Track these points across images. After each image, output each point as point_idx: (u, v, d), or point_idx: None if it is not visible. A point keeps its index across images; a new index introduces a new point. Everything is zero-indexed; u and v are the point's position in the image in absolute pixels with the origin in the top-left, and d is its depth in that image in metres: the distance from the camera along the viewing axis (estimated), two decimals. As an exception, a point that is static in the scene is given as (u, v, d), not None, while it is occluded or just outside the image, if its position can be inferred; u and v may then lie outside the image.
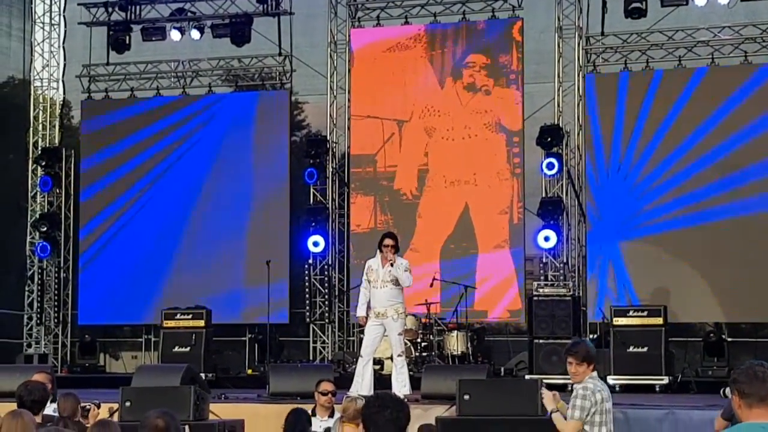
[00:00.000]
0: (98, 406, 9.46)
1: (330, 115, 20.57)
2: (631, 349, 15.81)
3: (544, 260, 19.03)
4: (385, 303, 12.66)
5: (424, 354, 16.73)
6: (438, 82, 19.66)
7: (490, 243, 19.15)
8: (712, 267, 17.84)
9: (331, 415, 10.26)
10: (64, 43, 22.32)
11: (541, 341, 16.28)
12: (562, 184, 19.01)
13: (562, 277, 18.45)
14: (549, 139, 18.61)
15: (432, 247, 19.20)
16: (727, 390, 5.50)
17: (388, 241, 12.74)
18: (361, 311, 13.09)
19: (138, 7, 21.00)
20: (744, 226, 17.68)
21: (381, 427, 5.07)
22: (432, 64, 19.75)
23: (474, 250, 19.17)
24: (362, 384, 12.56)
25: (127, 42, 20.93)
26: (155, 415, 5.89)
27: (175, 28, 20.79)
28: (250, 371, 19.03)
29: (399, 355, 12.78)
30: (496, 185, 19.20)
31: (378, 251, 12.83)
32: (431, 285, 17.25)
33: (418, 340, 16.84)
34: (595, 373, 8.44)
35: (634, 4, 18.41)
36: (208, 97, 21.20)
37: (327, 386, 10.58)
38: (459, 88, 19.54)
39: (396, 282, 12.63)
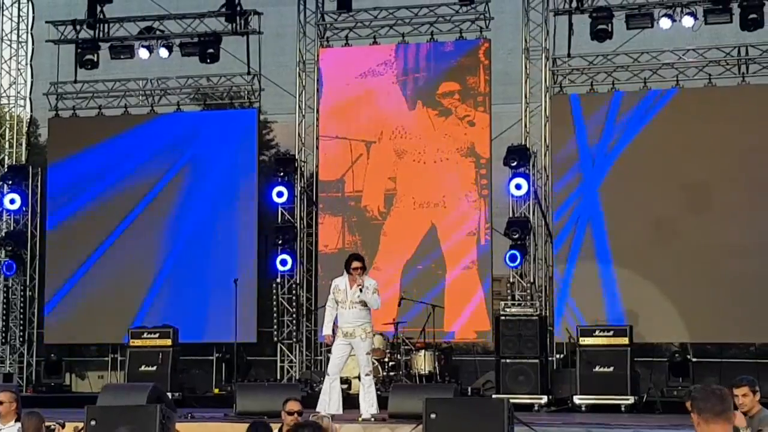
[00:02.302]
0: (63, 426, 9.42)
1: (299, 134, 20.59)
2: (597, 369, 15.86)
3: (511, 280, 19.09)
4: (354, 323, 12.66)
5: (392, 373, 16.74)
6: (408, 105, 19.74)
7: (457, 264, 19.20)
8: (678, 288, 17.91)
9: None
10: (31, 60, 22.23)
11: (508, 361, 16.31)
12: (529, 204, 19.07)
13: (528, 297, 18.51)
14: (516, 160, 18.66)
15: (395, 266, 19.22)
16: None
17: (356, 264, 12.73)
18: (327, 330, 13.05)
19: (106, 26, 20.96)
20: (709, 247, 17.78)
21: None
22: (402, 88, 19.83)
23: (441, 270, 19.22)
24: (329, 403, 12.54)
25: (95, 60, 20.87)
26: (125, 429, 5.89)
27: (143, 46, 20.78)
28: (216, 390, 18.95)
29: (367, 375, 12.77)
30: (465, 207, 19.28)
31: (345, 272, 12.84)
32: (399, 304, 17.29)
33: (386, 359, 16.86)
34: None
35: (600, 26, 18.59)
36: (177, 115, 21.16)
37: (293, 406, 10.54)
38: (428, 111, 19.63)
39: (364, 303, 12.65)
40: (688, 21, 18.45)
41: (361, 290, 12.58)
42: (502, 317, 16.72)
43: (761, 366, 17.03)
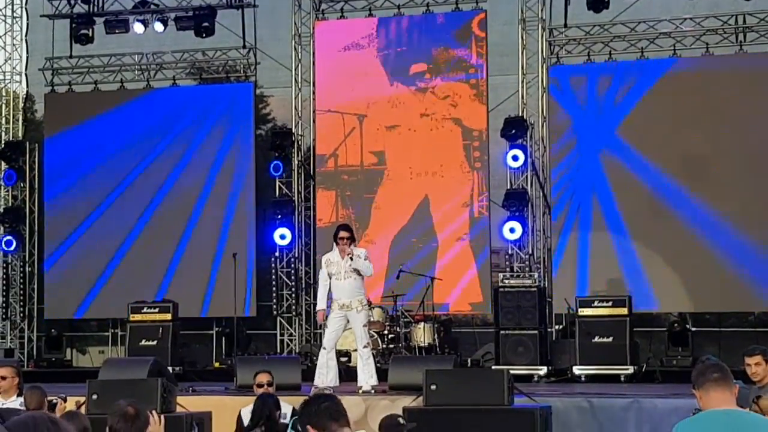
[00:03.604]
0: (65, 401, 9.45)
1: (295, 108, 20.56)
2: (596, 339, 15.88)
3: (509, 252, 19.09)
4: (350, 295, 12.68)
5: (391, 346, 16.79)
6: (396, 78, 19.71)
7: (450, 236, 19.24)
8: (676, 257, 17.95)
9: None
10: (26, 36, 22.20)
11: (507, 332, 16.34)
12: (527, 176, 19.08)
13: (527, 269, 18.53)
14: (513, 131, 18.64)
15: (386, 238, 19.22)
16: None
17: (342, 234, 12.78)
18: (321, 305, 13.10)
19: (101, 0, 20.90)
20: (708, 216, 17.81)
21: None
22: (388, 60, 19.80)
23: (434, 243, 19.26)
24: (327, 376, 12.58)
25: (91, 35, 20.80)
26: (126, 403, 5.93)
27: (138, 20, 20.70)
28: (217, 364, 19.01)
29: (364, 347, 12.80)
30: (458, 178, 19.30)
31: (335, 244, 12.86)
32: (398, 277, 17.33)
33: (385, 332, 16.91)
34: None
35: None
36: (172, 89, 21.14)
37: (263, 377, 10.64)
38: (418, 83, 19.61)
39: (358, 273, 12.67)
40: (685, -12, 18.44)
41: (351, 259, 12.61)
42: (501, 289, 16.74)
43: (760, 334, 17.10)
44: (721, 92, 18.05)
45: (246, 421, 10.44)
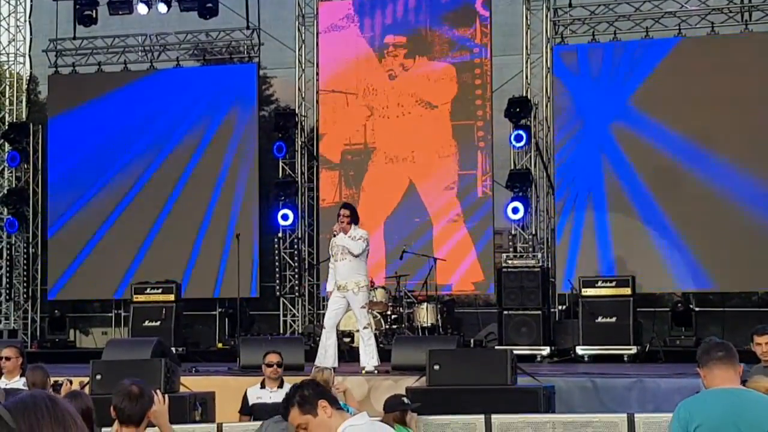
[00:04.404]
0: (71, 382, 9.48)
1: (298, 88, 20.53)
2: (599, 319, 15.92)
3: (512, 232, 19.10)
4: (346, 276, 12.64)
5: (394, 326, 16.79)
6: (400, 57, 19.68)
7: (452, 216, 19.24)
8: (681, 237, 17.93)
9: (281, 386, 10.30)
10: (30, 17, 22.16)
11: (510, 312, 16.37)
12: (530, 156, 19.05)
13: (530, 249, 18.53)
14: (517, 111, 18.60)
15: (376, 220, 19.11)
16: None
17: (343, 211, 12.79)
18: (329, 287, 13.09)
19: (104, -19, 20.88)
20: (712, 196, 17.78)
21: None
22: (394, 39, 19.76)
23: (436, 224, 19.25)
24: (326, 356, 12.57)
25: (94, 16, 20.74)
26: (130, 382, 5.95)
27: (141, 1, 20.57)
28: (220, 345, 19.05)
29: (365, 328, 12.78)
30: (462, 159, 19.28)
31: (337, 222, 12.85)
32: (401, 258, 17.33)
33: (388, 312, 16.91)
34: None
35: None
36: (176, 70, 21.12)
37: (272, 357, 10.64)
38: (424, 62, 19.58)
39: (353, 254, 12.61)
40: (690, -31, 18.40)
41: (345, 233, 12.56)
42: (504, 269, 16.76)
43: (764, 314, 17.06)
44: (727, 71, 17.99)
45: (252, 400, 10.47)
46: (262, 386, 10.54)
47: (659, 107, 18.21)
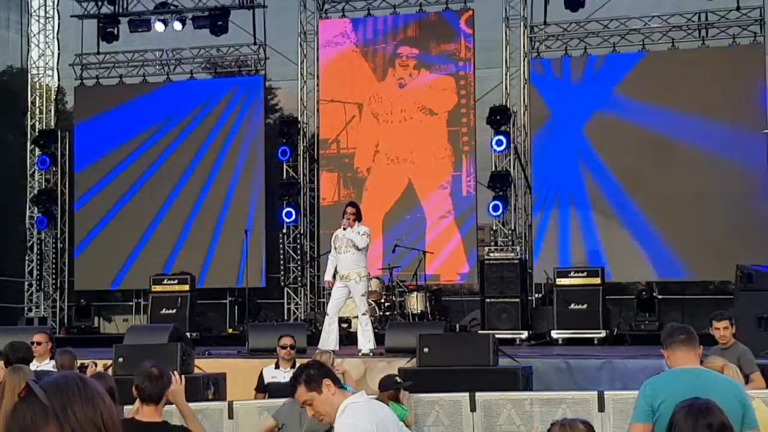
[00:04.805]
0: (96, 365, 9.48)
1: (300, 98, 20.54)
2: (572, 306, 15.90)
3: (494, 228, 19.13)
4: (349, 267, 12.63)
5: (387, 313, 16.76)
6: (392, 71, 19.69)
7: (440, 213, 19.25)
8: (646, 232, 17.96)
9: (293, 367, 10.26)
10: (58, 34, 22.14)
11: (492, 300, 16.35)
12: (510, 159, 19.07)
13: (510, 243, 18.54)
14: (498, 119, 18.65)
15: (377, 216, 19.09)
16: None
17: (349, 209, 12.78)
18: (328, 276, 13.09)
19: (125, 1, 20.90)
20: (673, 194, 17.79)
21: None
22: (385, 54, 19.76)
23: (425, 219, 19.26)
24: (328, 340, 12.57)
25: (116, 33, 20.84)
26: (150, 364, 5.96)
27: (159, 20, 20.70)
28: (230, 330, 19.01)
29: (363, 314, 12.79)
30: (447, 162, 19.29)
31: (342, 219, 12.85)
32: (393, 251, 17.32)
33: (382, 300, 16.89)
34: None
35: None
36: (190, 82, 21.10)
37: (286, 340, 10.62)
38: (413, 75, 19.57)
39: (357, 248, 12.63)
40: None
41: (352, 228, 12.57)
42: (486, 261, 16.74)
43: (720, 301, 17.05)
44: (686, 83, 18.02)
45: (267, 379, 10.43)
46: (276, 366, 10.47)
47: (627, 113, 18.22)
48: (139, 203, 20.52)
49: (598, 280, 16.03)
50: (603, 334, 15.73)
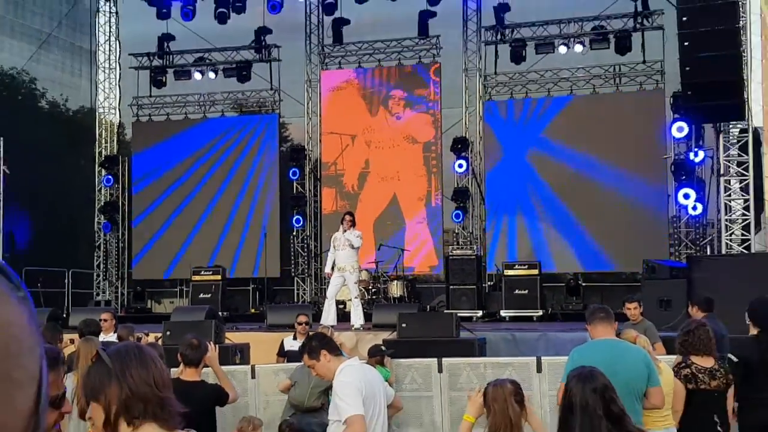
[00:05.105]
0: (147, 335, 9.45)
1: (307, 132, 20.57)
2: (516, 291, 15.91)
3: (456, 231, 19.16)
4: (345, 261, 12.61)
5: (374, 297, 16.76)
6: (377, 110, 19.73)
7: (415, 219, 19.27)
8: (572, 235, 18.00)
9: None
10: (119, 81, 22.09)
11: (454, 287, 16.35)
12: (468, 178, 19.10)
13: (468, 243, 18.56)
14: (459, 147, 18.71)
15: (368, 222, 19.08)
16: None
17: (347, 217, 12.77)
18: (328, 268, 13.05)
19: (171, 57, 20.90)
20: (596, 204, 17.83)
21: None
22: (372, 97, 19.80)
23: (403, 224, 19.27)
24: (328, 318, 12.55)
25: (164, 81, 20.84)
26: (191, 336, 5.95)
27: (197, 71, 20.71)
28: (253, 310, 18.96)
29: (356, 297, 12.77)
30: (421, 180, 19.32)
31: (341, 224, 12.86)
32: (378, 249, 17.31)
33: (370, 287, 16.88)
34: None
35: (517, 52, 18.65)
36: (222, 119, 21.07)
37: (302, 318, 10.60)
38: (393, 114, 19.62)
39: (352, 246, 12.62)
40: (579, 48, 18.50)
41: (350, 230, 12.56)
42: (451, 257, 16.76)
43: (630, 288, 17.08)
44: (605, 120, 18.08)
45: (287, 347, 10.38)
46: (294, 338, 10.44)
47: (561, 140, 18.28)
48: (185, 214, 20.45)
49: (536, 271, 16.05)
50: (540, 313, 15.75)
